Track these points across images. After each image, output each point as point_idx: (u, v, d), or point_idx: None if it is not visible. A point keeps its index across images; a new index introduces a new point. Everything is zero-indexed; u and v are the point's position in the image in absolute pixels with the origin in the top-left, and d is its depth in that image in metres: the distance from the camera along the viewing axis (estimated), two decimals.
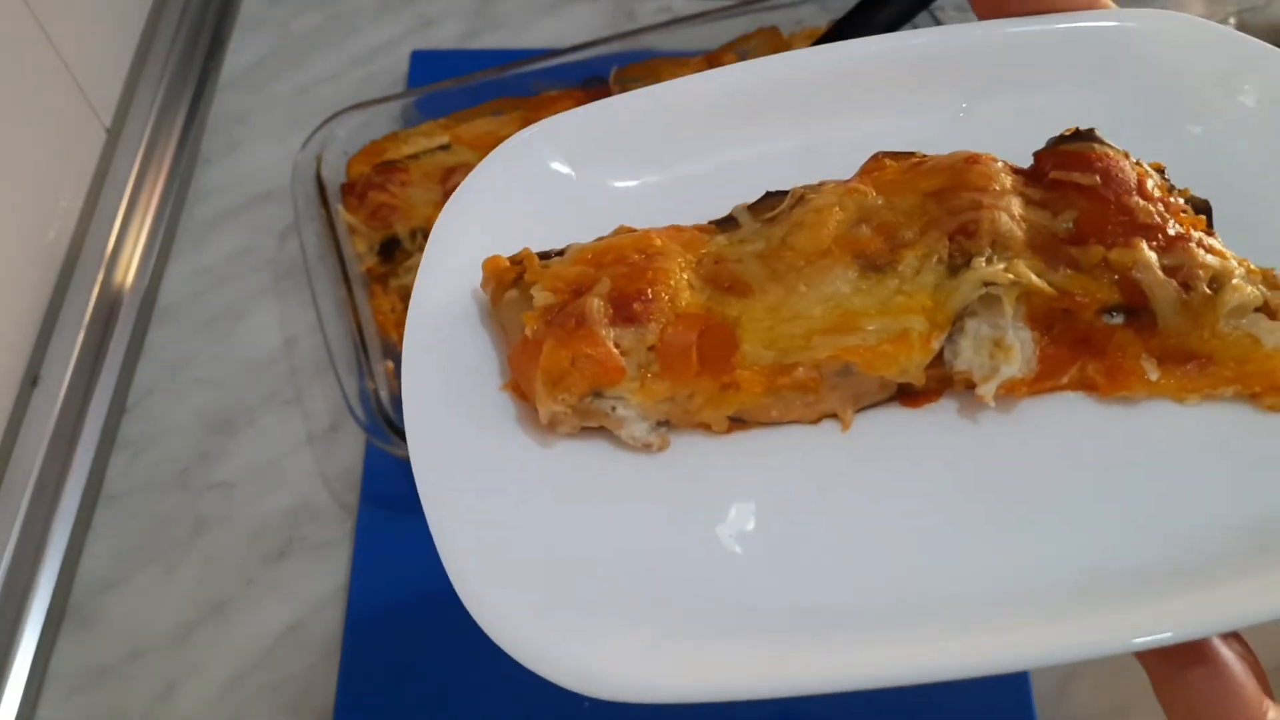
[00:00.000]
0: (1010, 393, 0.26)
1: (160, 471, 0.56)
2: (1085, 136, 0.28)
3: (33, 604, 0.50)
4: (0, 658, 0.49)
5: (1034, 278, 0.26)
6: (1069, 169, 0.27)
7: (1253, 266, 0.26)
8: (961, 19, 0.59)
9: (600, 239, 0.29)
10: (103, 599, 0.52)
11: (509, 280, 0.28)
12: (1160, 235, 0.26)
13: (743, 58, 0.64)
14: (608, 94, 0.64)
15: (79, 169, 0.63)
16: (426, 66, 0.71)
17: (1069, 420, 0.26)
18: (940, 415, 0.27)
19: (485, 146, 0.62)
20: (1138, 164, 0.27)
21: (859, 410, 0.27)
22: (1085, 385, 0.26)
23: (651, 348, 0.26)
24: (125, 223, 0.63)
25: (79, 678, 0.50)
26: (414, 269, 0.57)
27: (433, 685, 0.49)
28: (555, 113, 0.70)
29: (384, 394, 0.52)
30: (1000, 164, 0.27)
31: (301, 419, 0.57)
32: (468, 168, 0.62)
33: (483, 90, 0.64)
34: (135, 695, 0.49)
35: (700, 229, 0.29)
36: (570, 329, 0.26)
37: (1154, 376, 0.26)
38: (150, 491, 0.55)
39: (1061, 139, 0.28)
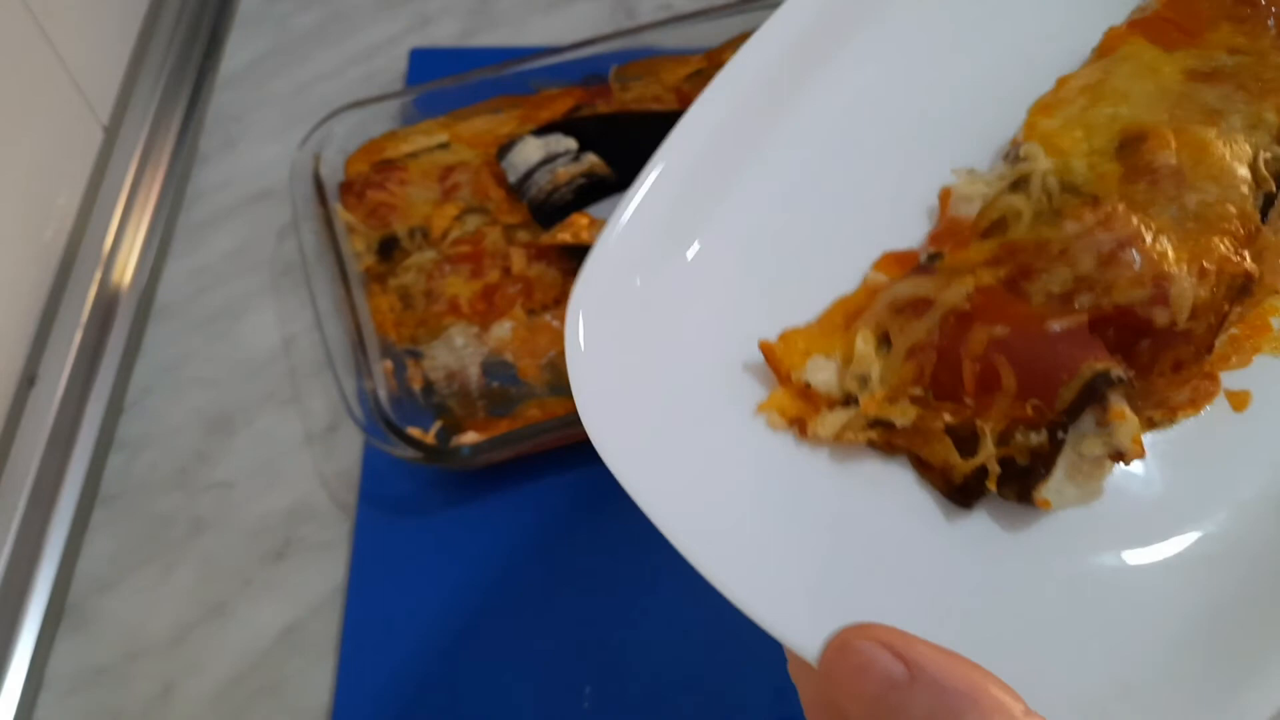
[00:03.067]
0: None
1: (158, 471, 0.55)
2: None
3: (30, 604, 0.50)
4: None
5: None
6: None
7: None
8: None
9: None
10: (100, 599, 0.52)
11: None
12: None
13: None
14: (607, 92, 0.64)
15: (76, 168, 0.62)
16: (425, 64, 0.71)
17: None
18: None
19: (484, 145, 0.62)
20: None
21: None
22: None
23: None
24: (123, 222, 0.62)
25: (76, 678, 0.50)
26: (412, 268, 0.58)
27: (431, 686, 0.48)
28: (555, 111, 0.70)
29: (382, 394, 0.52)
30: None
31: (300, 419, 0.57)
32: (466, 166, 0.63)
33: (482, 88, 0.64)
34: (133, 696, 0.49)
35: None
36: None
37: None
38: (148, 492, 0.55)
39: None
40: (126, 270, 0.61)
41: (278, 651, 0.50)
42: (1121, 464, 0.28)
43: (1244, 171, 0.29)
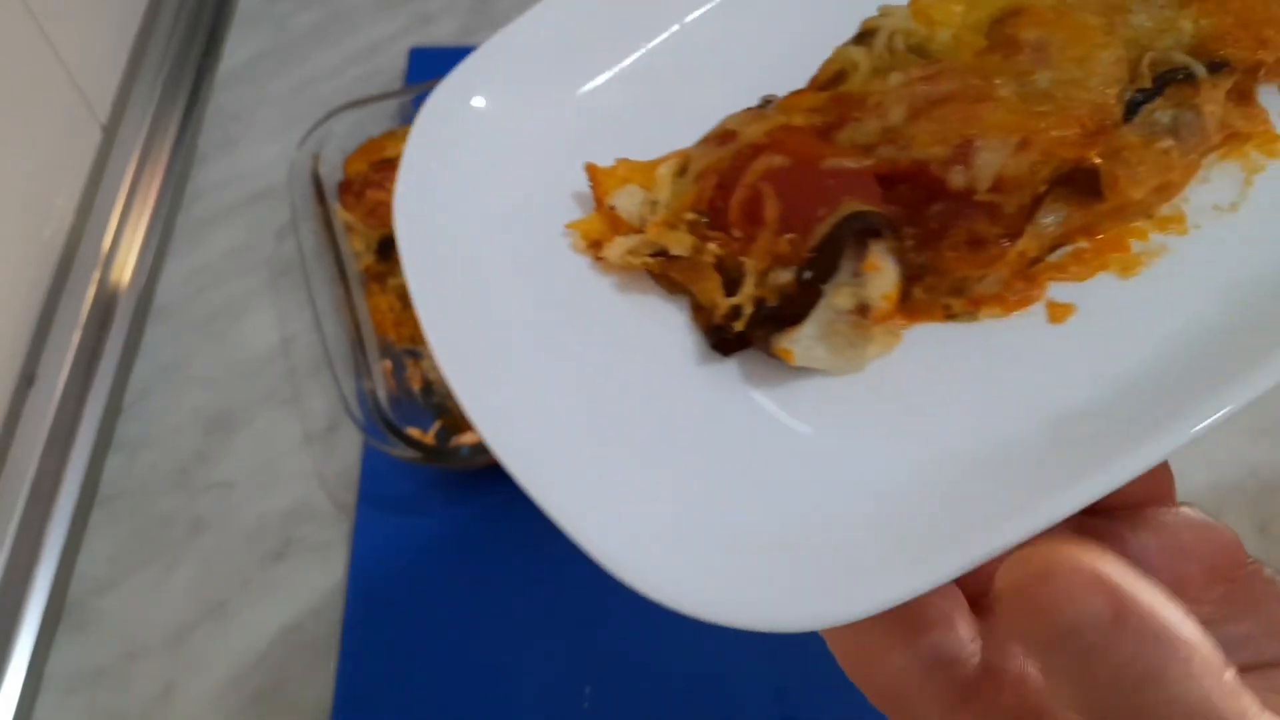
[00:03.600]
0: None
1: (157, 472, 0.55)
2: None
3: (29, 605, 0.50)
4: None
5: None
6: None
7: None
8: None
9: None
10: (100, 600, 0.52)
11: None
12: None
13: None
14: None
15: (75, 167, 0.62)
16: (425, 64, 0.71)
17: None
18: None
19: None
20: None
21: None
22: None
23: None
24: (122, 221, 0.62)
25: (76, 679, 0.50)
26: None
27: (430, 686, 0.48)
28: None
29: (382, 394, 0.52)
30: None
31: (299, 419, 0.57)
32: None
33: None
34: (132, 696, 0.49)
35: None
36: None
37: None
38: (147, 492, 0.55)
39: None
40: (125, 270, 0.61)
41: (278, 651, 0.50)
42: (871, 322, 0.25)
43: (1116, 67, 0.27)
